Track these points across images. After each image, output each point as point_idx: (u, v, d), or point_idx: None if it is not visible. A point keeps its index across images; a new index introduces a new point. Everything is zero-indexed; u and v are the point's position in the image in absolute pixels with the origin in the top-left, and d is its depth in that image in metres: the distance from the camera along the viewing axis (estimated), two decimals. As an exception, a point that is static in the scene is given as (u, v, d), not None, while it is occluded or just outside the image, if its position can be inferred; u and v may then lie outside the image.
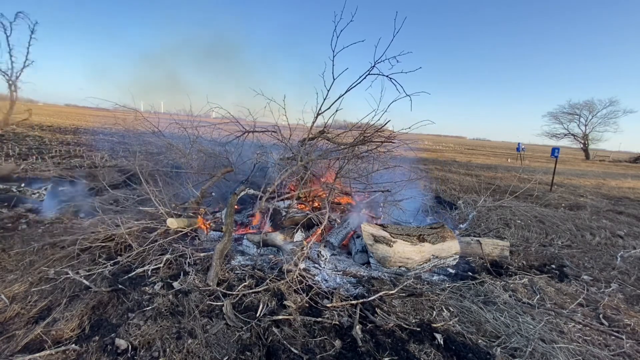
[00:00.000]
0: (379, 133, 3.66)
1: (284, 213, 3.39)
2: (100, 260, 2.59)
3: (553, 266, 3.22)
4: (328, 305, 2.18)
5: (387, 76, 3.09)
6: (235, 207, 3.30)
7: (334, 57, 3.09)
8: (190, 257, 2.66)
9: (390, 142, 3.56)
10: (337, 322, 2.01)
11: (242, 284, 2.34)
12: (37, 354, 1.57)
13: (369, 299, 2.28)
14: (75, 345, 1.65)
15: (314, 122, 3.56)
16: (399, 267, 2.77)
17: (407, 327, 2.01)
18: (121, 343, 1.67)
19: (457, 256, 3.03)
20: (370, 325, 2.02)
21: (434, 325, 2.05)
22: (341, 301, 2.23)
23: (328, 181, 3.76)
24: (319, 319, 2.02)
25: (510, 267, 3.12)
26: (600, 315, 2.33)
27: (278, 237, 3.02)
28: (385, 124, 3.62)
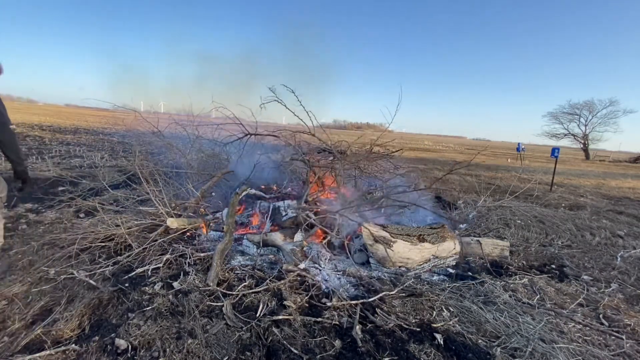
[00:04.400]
0: (386, 151, 3.75)
1: (284, 213, 3.39)
2: (100, 260, 2.59)
3: (553, 266, 3.22)
4: (328, 305, 2.18)
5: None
6: (238, 209, 3.31)
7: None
8: (190, 257, 2.66)
9: (395, 152, 3.65)
10: (337, 322, 2.01)
11: (242, 284, 2.34)
12: (37, 354, 1.57)
13: (369, 299, 2.28)
14: (75, 345, 1.65)
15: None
16: (399, 267, 2.77)
17: (407, 327, 2.01)
18: (121, 343, 1.67)
19: (457, 256, 3.03)
20: (370, 325, 2.02)
21: (434, 325, 2.04)
22: (341, 301, 2.23)
23: (333, 185, 3.79)
24: (319, 319, 2.02)
25: (510, 267, 3.11)
26: (600, 315, 2.33)
27: (278, 237, 3.02)
28: (397, 151, 3.74)
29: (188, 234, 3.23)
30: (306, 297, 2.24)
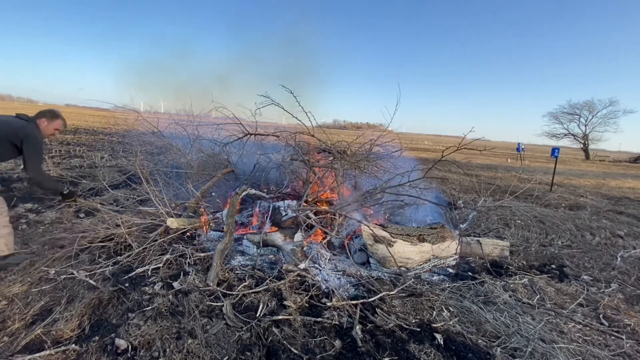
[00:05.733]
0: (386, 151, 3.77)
1: (284, 213, 3.39)
2: (100, 260, 2.59)
3: (553, 266, 3.22)
4: (328, 305, 2.18)
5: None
6: (238, 207, 3.30)
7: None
8: (190, 257, 2.66)
9: (394, 152, 3.67)
10: (337, 322, 2.01)
11: (242, 284, 2.34)
12: (37, 354, 1.57)
13: (369, 299, 2.28)
14: (75, 345, 1.65)
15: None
16: (399, 267, 2.77)
17: (407, 327, 2.01)
18: (121, 343, 1.67)
19: (457, 256, 3.03)
20: (370, 325, 2.02)
21: (434, 325, 2.04)
22: (341, 301, 2.23)
23: (333, 184, 3.79)
24: (319, 319, 2.02)
25: (510, 267, 3.11)
26: (600, 315, 2.33)
27: (278, 238, 3.02)
28: (397, 151, 3.75)
29: (188, 234, 3.24)
30: (306, 297, 2.24)
